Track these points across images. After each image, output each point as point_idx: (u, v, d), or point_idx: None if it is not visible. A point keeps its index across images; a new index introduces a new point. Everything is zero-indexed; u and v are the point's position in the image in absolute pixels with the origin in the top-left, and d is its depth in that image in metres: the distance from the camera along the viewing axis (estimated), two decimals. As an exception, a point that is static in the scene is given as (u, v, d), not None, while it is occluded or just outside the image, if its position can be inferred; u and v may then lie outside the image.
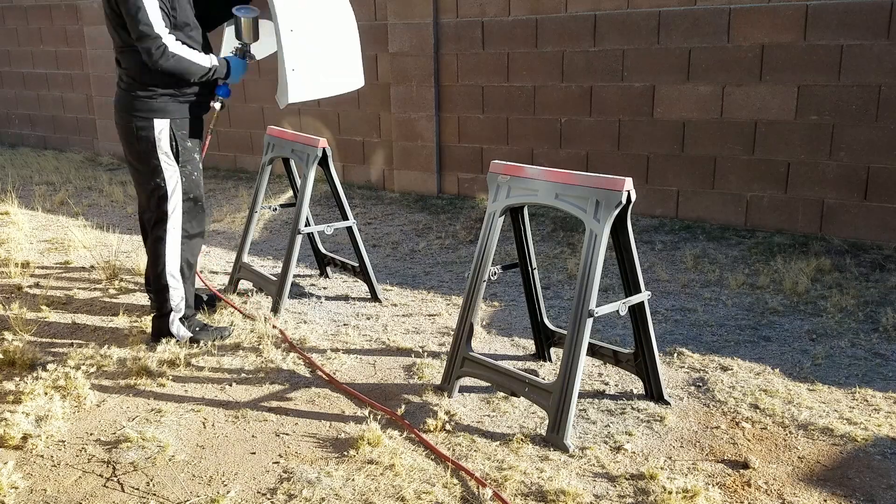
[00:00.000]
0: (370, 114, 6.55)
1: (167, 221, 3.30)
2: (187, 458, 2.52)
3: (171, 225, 3.32)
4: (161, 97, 3.19)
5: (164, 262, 3.34)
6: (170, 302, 3.37)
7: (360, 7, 6.31)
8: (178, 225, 3.34)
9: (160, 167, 3.25)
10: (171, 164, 3.27)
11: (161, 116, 3.21)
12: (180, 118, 3.27)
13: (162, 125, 3.22)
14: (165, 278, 3.35)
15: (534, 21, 5.55)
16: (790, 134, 4.81)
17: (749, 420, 2.72)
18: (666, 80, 5.13)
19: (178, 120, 3.26)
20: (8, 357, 3.21)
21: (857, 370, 3.10)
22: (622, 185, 2.50)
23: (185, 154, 3.31)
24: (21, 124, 9.58)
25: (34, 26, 8.92)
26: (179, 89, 3.23)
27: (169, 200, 3.29)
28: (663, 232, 5.12)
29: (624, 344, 3.39)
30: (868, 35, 4.46)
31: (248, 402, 2.91)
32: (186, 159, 3.32)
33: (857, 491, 2.29)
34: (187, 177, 3.33)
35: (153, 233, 3.35)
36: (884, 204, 4.62)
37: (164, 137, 3.23)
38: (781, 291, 3.99)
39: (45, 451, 2.57)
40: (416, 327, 3.65)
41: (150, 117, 3.19)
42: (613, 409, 2.82)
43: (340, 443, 2.60)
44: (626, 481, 2.35)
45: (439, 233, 5.33)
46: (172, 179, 3.28)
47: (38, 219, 5.88)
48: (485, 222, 2.90)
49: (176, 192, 3.30)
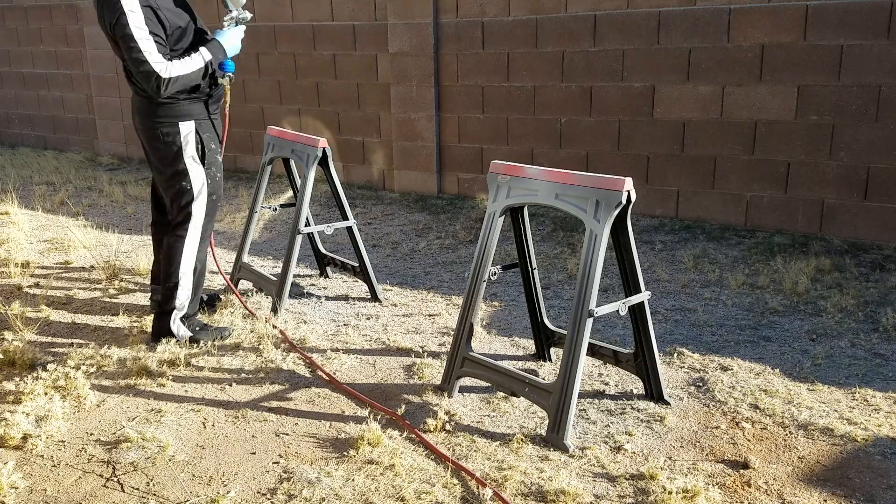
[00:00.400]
0: (370, 114, 6.55)
1: (190, 222, 3.35)
2: (187, 458, 2.52)
3: (193, 225, 3.36)
4: (182, 102, 3.24)
5: (180, 261, 3.36)
6: (175, 300, 3.38)
7: (360, 7, 6.32)
8: (200, 225, 3.38)
9: (187, 170, 3.29)
10: (198, 167, 3.32)
11: (186, 119, 3.26)
12: (203, 119, 3.33)
13: (188, 128, 3.27)
14: (178, 276, 3.37)
15: (534, 21, 5.55)
16: (790, 134, 4.81)
17: (749, 420, 2.72)
18: (666, 80, 5.13)
19: (202, 122, 3.32)
20: (8, 357, 3.21)
21: (857, 370, 3.10)
22: (622, 185, 2.50)
23: (210, 156, 3.36)
24: (21, 124, 9.58)
25: (34, 26, 8.92)
26: (196, 90, 3.28)
27: (195, 202, 3.33)
28: (663, 232, 5.12)
29: (624, 344, 3.39)
30: (868, 35, 4.46)
31: (248, 402, 2.91)
32: (211, 161, 3.37)
33: (857, 491, 2.29)
34: (212, 178, 3.38)
35: (174, 232, 3.37)
36: (884, 204, 4.62)
37: (191, 140, 3.29)
38: (781, 291, 3.99)
39: (45, 451, 2.57)
40: (416, 327, 3.65)
41: (176, 122, 3.24)
42: (613, 409, 2.82)
43: (340, 443, 2.60)
44: (626, 481, 2.35)
45: (439, 233, 5.33)
46: (199, 181, 3.33)
47: (38, 219, 5.88)
48: (485, 222, 2.90)
49: (202, 194, 3.35)
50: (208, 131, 3.36)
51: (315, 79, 6.78)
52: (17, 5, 8.96)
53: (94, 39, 8.27)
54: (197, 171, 3.32)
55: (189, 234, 3.36)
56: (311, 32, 6.67)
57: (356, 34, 6.41)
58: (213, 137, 3.39)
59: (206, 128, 3.35)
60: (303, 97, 6.90)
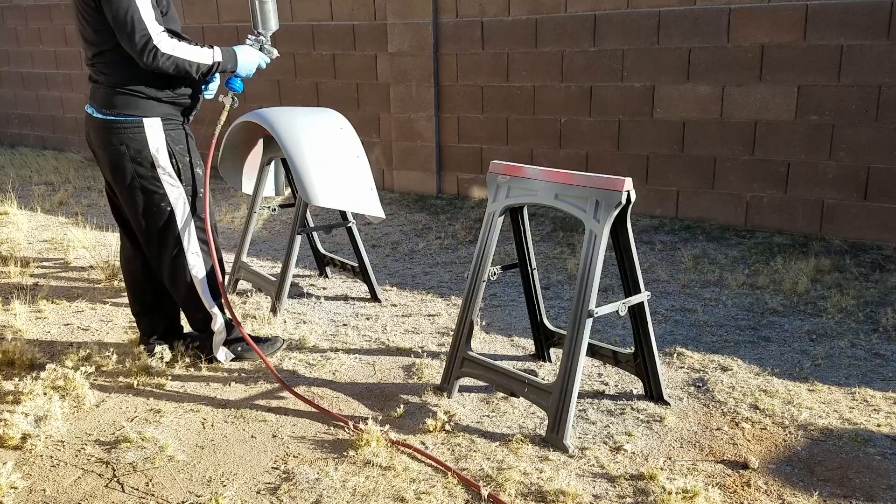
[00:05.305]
0: (370, 114, 6.54)
1: (186, 253, 3.04)
2: (186, 458, 2.52)
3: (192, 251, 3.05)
4: (150, 98, 2.87)
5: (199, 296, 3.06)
6: (212, 326, 3.15)
7: (360, 7, 6.31)
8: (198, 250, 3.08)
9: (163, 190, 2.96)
10: (175, 184, 2.98)
11: (150, 115, 2.88)
12: (174, 126, 2.96)
13: (155, 130, 2.90)
14: (208, 309, 3.10)
15: (533, 21, 5.55)
16: (790, 134, 4.81)
17: (749, 420, 2.71)
18: (666, 80, 5.13)
19: (172, 128, 2.95)
20: (7, 357, 3.21)
21: (856, 370, 3.10)
22: (622, 185, 2.50)
23: (185, 172, 2.99)
24: (20, 124, 9.58)
25: (34, 26, 8.91)
26: (170, 87, 2.90)
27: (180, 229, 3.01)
28: (663, 232, 5.11)
29: (624, 344, 3.39)
30: (868, 35, 4.46)
31: (247, 402, 2.91)
32: (188, 178, 3.00)
33: (857, 491, 2.29)
34: (195, 196, 3.03)
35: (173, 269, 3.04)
36: (884, 204, 4.61)
37: (161, 147, 2.91)
38: (781, 292, 3.99)
39: (44, 452, 2.57)
40: (415, 327, 3.65)
41: (139, 118, 2.86)
42: (613, 409, 2.82)
43: (339, 443, 2.59)
44: (625, 482, 2.35)
45: (439, 233, 5.32)
46: (179, 201, 2.99)
47: (37, 219, 5.88)
48: (484, 222, 2.90)
49: (185, 217, 3.01)
50: (180, 143, 2.95)
51: (314, 79, 6.78)
52: (17, 5, 8.96)
53: (93, 39, 8.26)
54: (173, 189, 2.93)
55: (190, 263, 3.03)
56: (310, 32, 6.67)
57: (356, 34, 6.41)
58: (190, 150, 3.00)
59: (177, 138, 2.94)
60: (302, 97, 6.89)
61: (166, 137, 2.91)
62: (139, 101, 2.85)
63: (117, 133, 2.86)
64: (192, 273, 3.04)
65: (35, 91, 9.21)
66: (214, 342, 3.18)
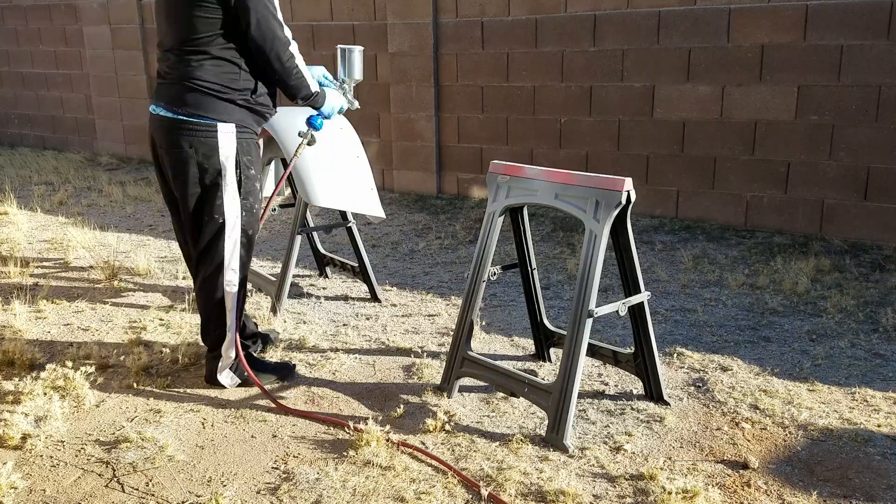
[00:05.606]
0: (370, 114, 6.54)
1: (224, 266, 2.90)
2: (186, 458, 2.52)
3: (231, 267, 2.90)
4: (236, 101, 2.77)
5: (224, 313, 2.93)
6: (221, 347, 2.99)
7: (360, 7, 6.31)
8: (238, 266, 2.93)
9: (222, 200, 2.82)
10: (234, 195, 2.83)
11: (226, 120, 2.75)
12: (248, 134, 2.83)
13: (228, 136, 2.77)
14: (227, 328, 2.95)
15: (533, 21, 5.55)
16: (790, 134, 4.81)
17: (749, 420, 2.71)
18: (666, 80, 5.13)
19: (246, 137, 2.82)
20: (7, 357, 3.21)
21: (856, 370, 3.10)
22: (622, 185, 2.50)
23: (247, 184, 2.83)
24: (20, 124, 9.58)
25: (33, 26, 8.91)
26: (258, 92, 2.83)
27: (227, 238, 2.86)
28: (663, 232, 5.11)
29: (624, 344, 3.39)
30: (868, 35, 4.46)
31: (247, 402, 2.91)
32: (249, 190, 2.84)
33: (857, 491, 2.29)
34: (248, 210, 2.87)
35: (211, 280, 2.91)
36: (884, 204, 4.61)
37: (231, 155, 2.77)
38: (781, 292, 3.99)
39: (44, 452, 2.57)
40: (415, 327, 3.65)
41: (213, 121, 2.73)
42: (613, 409, 2.82)
43: (339, 443, 2.59)
44: (625, 482, 2.35)
45: (439, 233, 5.32)
46: (233, 213, 2.83)
47: (37, 219, 5.88)
48: (484, 222, 2.90)
49: (235, 229, 2.86)
50: (248, 153, 2.80)
51: (315, 79, 6.78)
52: (17, 5, 8.96)
53: (93, 39, 8.27)
54: (232, 202, 2.77)
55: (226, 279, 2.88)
56: (310, 32, 6.67)
57: (355, 34, 6.41)
58: (254, 162, 2.84)
59: (247, 147, 2.79)
60: (302, 97, 6.89)
61: (237, 146, 2.75)
62: (215, 103, 2.68)
63: (187, 135, 2.69)
64: (226, 289, 2.88)
65: (35, 91, 9.21)
66: (220, 365, 2.99)
